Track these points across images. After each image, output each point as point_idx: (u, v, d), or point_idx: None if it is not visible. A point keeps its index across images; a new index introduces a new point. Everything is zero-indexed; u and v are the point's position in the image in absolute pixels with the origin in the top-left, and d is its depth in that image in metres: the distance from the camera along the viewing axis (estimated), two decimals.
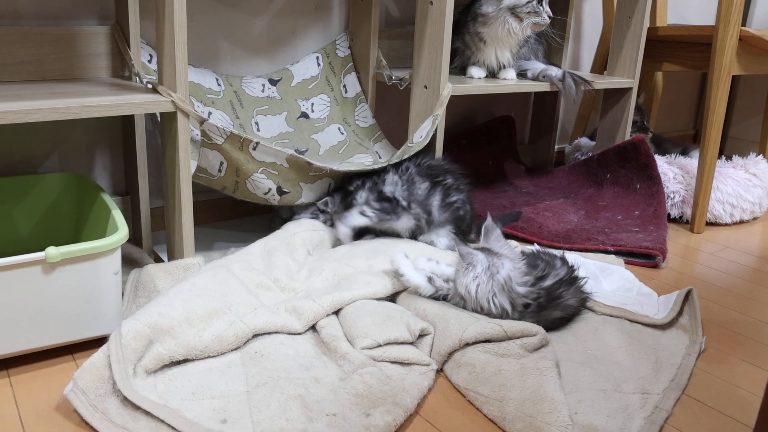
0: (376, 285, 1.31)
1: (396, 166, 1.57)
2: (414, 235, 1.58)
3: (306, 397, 1.01)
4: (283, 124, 1.71)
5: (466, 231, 1.61)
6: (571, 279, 1.31)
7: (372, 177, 1.56)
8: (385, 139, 1.81)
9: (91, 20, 1.47)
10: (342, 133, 1.78)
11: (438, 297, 1.30)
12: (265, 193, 1.48)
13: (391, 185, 1.54)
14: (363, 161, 1.71)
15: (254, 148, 1.37)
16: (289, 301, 1.25)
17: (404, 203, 1.53)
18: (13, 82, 1.35)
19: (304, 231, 1.51)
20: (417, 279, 1.31)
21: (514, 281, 1.22)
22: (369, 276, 1.33)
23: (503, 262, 1.23)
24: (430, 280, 1.31)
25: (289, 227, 1.52)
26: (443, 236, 1.58)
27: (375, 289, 1.30)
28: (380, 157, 1.76)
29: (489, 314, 1.22)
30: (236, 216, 1.80)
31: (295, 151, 1.69)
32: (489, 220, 1.33)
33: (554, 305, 1.26)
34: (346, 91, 1.82)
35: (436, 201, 1.55)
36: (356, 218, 1.52)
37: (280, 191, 1.49)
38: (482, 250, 1.26)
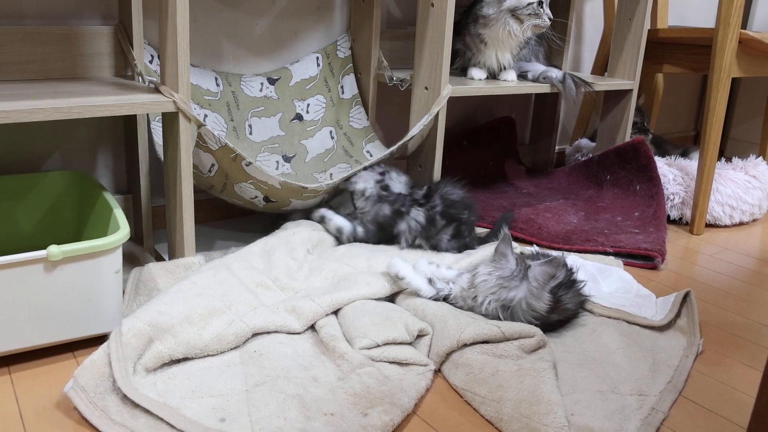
0: (376, 285, 1.31)
1: (427, 196, 1.58)
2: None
3: (304, 396, 1.02)
4: (276, 127, 1.72)
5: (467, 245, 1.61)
6: (570, 282, 1.31)
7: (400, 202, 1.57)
8: (378, 139, 1.81)
9: (95, 20, 1.48)
10: (332, 138, 1.79)
11: (438, 298, 1.31)
12: (251, 198, 1.50)
13: (414, 219, 1.56)
14: (342, 172, 1.73)
15: (247, 165, 1.38)
16: (288, 300, 1.26)
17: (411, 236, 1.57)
18: (16, 81, 1.36)
19: (303, 230, 1.52)
20: (417, 282, 1.31)
21: (519, 310, 1.23)
22: (369, 276, 1.34)
23: (522, 286, 1.23)
24: (430, 281, 1.32)
25: (289, 227, 1.53)
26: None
27: (374, 289, 1.31)
28: (371, 156, 1.76)
29: (482, 314, 1.24)
30: (237, 215, 1.81)
31: (282, 157, 1.70)
32: (506, 236, 1.32)
33: (552, 310, 1.26)
34: (342, 92, 1.83)
35: (446, 236, 1.57)
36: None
37: (267, 200, 1.50)
38: (518, 260, 1.26)
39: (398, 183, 1.61)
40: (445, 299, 1.31)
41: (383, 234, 1.57)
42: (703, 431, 1.04)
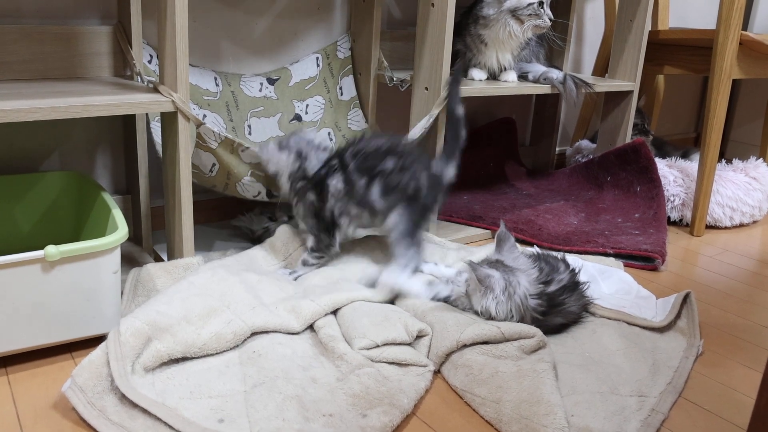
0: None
1: (342, 163, 1.40)
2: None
3: (303, 397, 1.01)
4: (275, 127, 1.72)
5: (428, 205, 1.41)
6: (573, 284, 1.31)
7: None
8: None
9: (94, 19, 1.47)
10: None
11: (438, 299, 1.31)
12: (255, 196, 1.51)
13: (334, 195, 1.39)
14: None
15: (243, 151, 1.38)
16: (287, 300, 1.26)
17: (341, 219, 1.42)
18: (15, 81, 1.35)
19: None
20: (414, 288, 1.32)
21: (529, 298, 1.22)
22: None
23: (519, 279, 1.23)
24: (429, 284, 1.32)
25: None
26: (394, 221, 1.38)
27: (374, 291, 1.31)
28: None
29: (496, 317, 1.24)
30: (236, 216, 1.80)
31: None
32: (502, 228, 1.32)
33: (556, 311, 1.26)
34: (341, 94, 1.82)
35: (375, 193, 1.38)
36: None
37: (270, 194, 1.50)
38: (496, 263, 1.26)
39: (316, 159, 1.42)
40: (445, 300, 1.31)
41: (325, 224, 1.41)
42: None
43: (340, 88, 1.83)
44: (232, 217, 1.73)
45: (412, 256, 1.36)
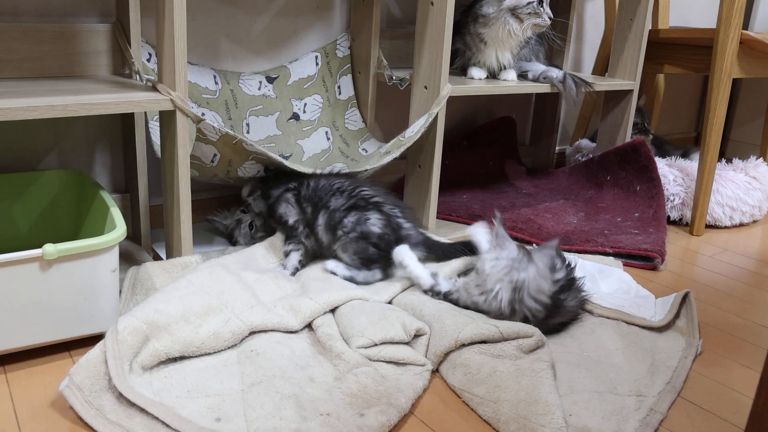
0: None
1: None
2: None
3: (300, 396, 1.01)
4: (273, 126, 1.72)
5: (371, 258, 1.39)
6: (569, 281, 1.31)
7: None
8: (373, 138, 1.81)
9: (92, 18, 1.47)
10: (328, 139, 1.78)
11: (438, 293, 1.31)
12: (255, 174, 1.52)
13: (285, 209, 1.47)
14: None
15: (249, 146, 1.38)
16: (286, 298, 1.26)
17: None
18: (12, 79, 1.35)
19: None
20: (419, 270, 1.33)
21: (527, 292, 1.21)
22: None
23: (530, 268, 1.22)
24: (434, 275, 1.32)
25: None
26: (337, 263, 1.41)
27: (372, 290, 1.31)
28: (366, 152, 1.76)
29: (488, 307, 1.24)
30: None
31: (279, 156, 1.71)
32: (497, 224, 1.33)
33: (554, 313, 1.25)
34: (339, 93, 1.82)
35: (320, 223, 1.42)
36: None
37: (266, 170, 1.53)
38: (518, 245, 1.28)
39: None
40: (446, 297, 1.31)
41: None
42: None
43: (339, 87, 1.83)
44: None
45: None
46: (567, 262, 1.33)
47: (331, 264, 1.39)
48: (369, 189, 1.45)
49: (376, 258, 1.38)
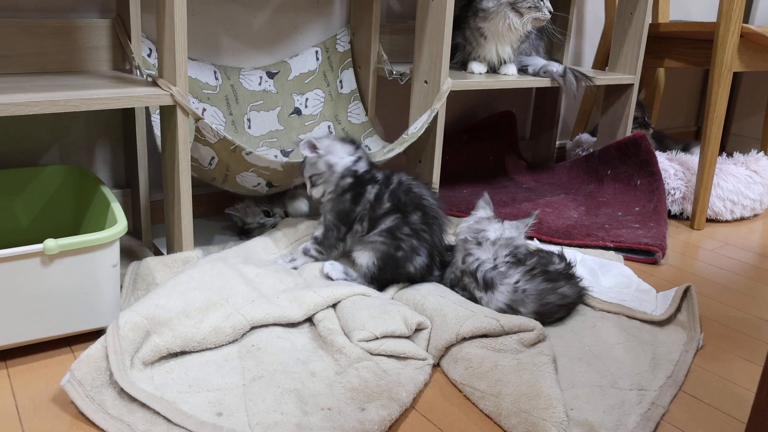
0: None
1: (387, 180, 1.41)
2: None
3: (302, 391, 1.01)
4: (275, 121, 1.71)
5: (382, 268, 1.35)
6: (568, 275, 1.31)
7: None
8: (376, 134, 1.81)
9: (93, 13, 1.47)
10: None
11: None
12: (254, 186, 1.50)
13: (364, 202, 1.39)
14: None
15: (247, 154, 1.37)
16: (289, 291, 1.26)
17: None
18: (13, 74, 1.35)
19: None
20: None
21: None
22: None
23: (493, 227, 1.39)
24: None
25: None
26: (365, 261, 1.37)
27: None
28: (370, 149, 1.76)
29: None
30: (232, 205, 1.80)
31: (281, 152, 1.70)
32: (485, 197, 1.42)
33: (548, 290, 1.26)
34: (341, 87, 1.82)
35: (385, 224, 1.36)
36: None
37: (270, 185, 1.50)
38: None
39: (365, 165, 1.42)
40: (441, 278, 1.37)
41: (345, 224, 1.40)
42: (703, 426, 1.03)
43: (340, 82, 1.82)
44: None
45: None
46: (568, 260, 1.36)
47: (327, 267, 1.37)
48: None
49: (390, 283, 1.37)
